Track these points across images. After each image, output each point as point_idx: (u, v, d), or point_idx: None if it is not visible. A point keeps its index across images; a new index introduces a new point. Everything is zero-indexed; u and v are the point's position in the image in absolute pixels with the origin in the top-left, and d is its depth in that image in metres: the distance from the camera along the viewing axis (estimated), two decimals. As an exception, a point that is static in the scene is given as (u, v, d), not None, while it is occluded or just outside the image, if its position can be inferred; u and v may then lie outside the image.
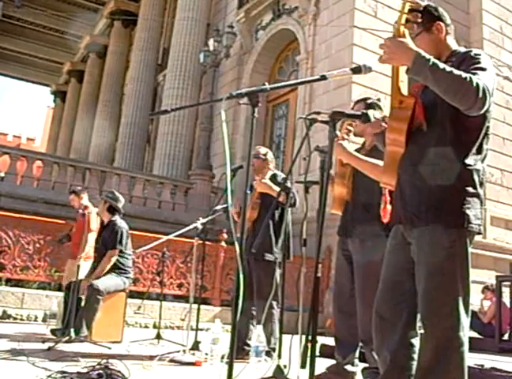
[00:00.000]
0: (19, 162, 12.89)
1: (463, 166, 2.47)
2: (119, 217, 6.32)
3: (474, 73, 2.39)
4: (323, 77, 2.52)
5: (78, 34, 30.35)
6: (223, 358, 4.28)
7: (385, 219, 3.01)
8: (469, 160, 2.49)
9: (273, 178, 5.28)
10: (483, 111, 2.39)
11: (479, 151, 2.54)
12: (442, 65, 2.36)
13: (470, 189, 2.47)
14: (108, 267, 6.03)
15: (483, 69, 2.45)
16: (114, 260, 6.06)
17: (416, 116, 2.53)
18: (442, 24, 2.70)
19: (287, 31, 15.21)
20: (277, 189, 4.90)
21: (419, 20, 2.65)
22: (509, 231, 13.56)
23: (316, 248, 2.38)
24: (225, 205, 5.29)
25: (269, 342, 4.90)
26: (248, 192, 2.51)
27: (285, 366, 3.64)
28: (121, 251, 6.13)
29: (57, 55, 34.03)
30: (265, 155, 5.49)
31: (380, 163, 3.39)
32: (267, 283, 5.03)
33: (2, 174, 12.93)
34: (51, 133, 37.24)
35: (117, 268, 6.09)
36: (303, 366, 2.26)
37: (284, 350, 3.95)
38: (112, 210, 6.33)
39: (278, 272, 5.15)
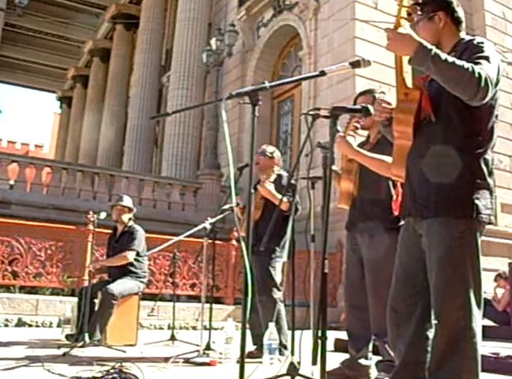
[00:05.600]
0: (28, 169, 12.96)
1: (471, 157, 2.47)
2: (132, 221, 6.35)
3: (477, 63, 2.38)
4: (322, 73, 2.52)
5: (81, 39, 30.47)
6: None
7: (397, 212, 3.00)
8: (478, 150, 2.48)
9: (279, 179, 5.19)
10: (485, 101, 2.38)
11: (489, 139, 2.53)
12: (444, 56, 2.35)
13: (479, 180, 2.47)
14: (118, 263, 6.03)
15: (486, 58, 2.43)
16: (131, 258, 6.03)
17: (423, 108, 2.53)
18: (444, 13, 2.67)
19: (288, 27, 15.21)
20: (279, 197, 4.71)
21: (420, 10, 2.65)
22: (520, 218, 13.49)
23: (322, 244, 2.37)
24: (232, 204, 5.22)
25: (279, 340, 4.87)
26: (252, 191, 2.50)
27: (299, 363, 3.63)
28: (138, 254, 6.12)
29: (61, 61, 34.09)
30: (271, 153, 5.36)
31: (385, 158, 3.38)
32: (267, 277, 5.04)
33: (12, 182, 12.97)
34: (59, 139, 37.33)
35: (132, 272, 6.09)
36: (314, 363, 2.27)
37: (296, 346, 3.95)
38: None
39: (280, 267, 5.13)
